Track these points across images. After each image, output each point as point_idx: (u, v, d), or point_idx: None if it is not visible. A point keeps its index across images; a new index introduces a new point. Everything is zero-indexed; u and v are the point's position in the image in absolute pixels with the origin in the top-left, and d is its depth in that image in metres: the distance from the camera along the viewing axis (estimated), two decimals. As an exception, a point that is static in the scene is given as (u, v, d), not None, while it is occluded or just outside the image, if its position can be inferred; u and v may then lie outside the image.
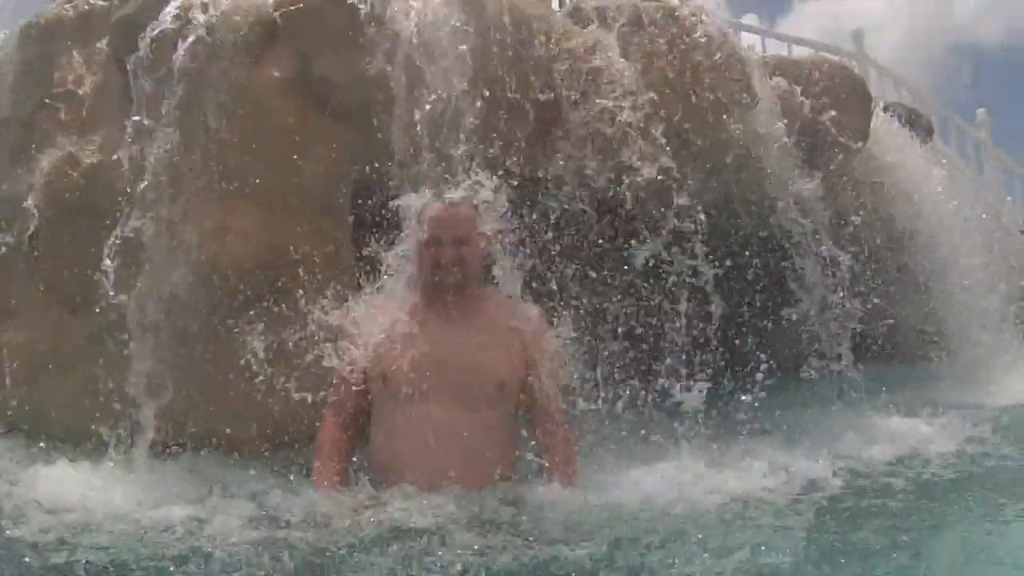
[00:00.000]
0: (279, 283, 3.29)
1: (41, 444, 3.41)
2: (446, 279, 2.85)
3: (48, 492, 2.94)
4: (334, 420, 2.92)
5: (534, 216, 3.72)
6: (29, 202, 3.71)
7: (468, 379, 2.77)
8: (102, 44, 3.85)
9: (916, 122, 6.01)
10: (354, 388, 2.89)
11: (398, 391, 2.77)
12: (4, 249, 3.80)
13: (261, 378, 3.16)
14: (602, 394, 3.05)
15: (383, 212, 3.20)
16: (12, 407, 3.72)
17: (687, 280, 3.60)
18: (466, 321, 2.86)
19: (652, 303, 3.75)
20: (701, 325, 3.70)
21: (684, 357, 3.68)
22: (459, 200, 2.97)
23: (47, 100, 3.87)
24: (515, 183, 3.66)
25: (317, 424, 2.99)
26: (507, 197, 3.24)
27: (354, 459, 2.96)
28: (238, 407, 3.23)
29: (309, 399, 3.04)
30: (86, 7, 4.03)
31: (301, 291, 3.26)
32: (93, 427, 3.23)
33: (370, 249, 3.13)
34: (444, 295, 2.86)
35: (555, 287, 3.37)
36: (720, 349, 3.74)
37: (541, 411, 2.85)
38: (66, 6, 4.10)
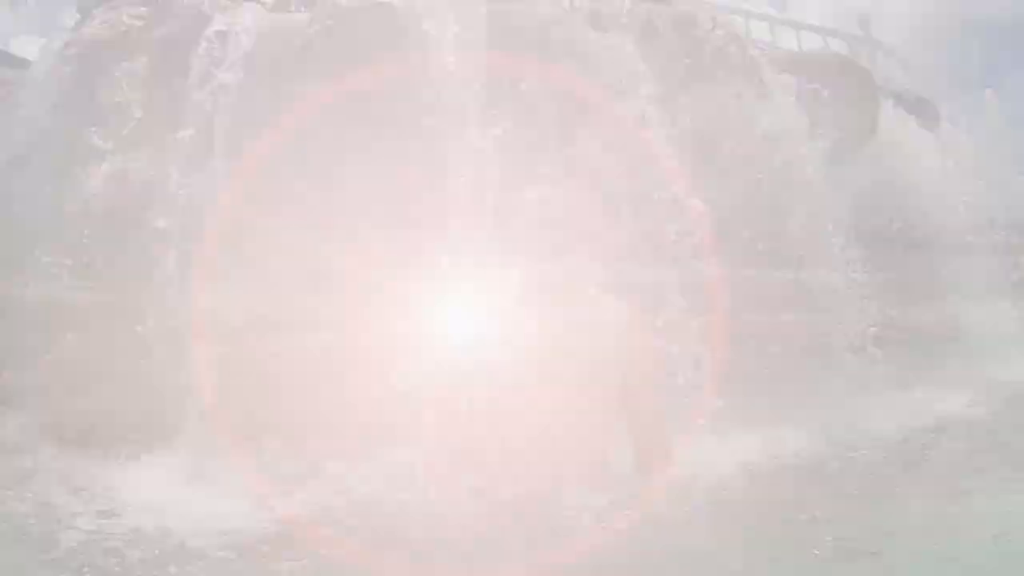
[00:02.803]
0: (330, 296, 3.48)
1: (100, 449, 3.57)
2: None
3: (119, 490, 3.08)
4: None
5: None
6: (79, 217, 3.87)
7: (574, 365, 2.68)
8: (143, 61, 4.02)
9: (922, 110, 6.14)
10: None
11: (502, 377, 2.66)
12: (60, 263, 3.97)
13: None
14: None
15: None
16: (70, 416, 3.88)
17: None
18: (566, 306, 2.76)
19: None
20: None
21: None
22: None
23: (91, 116, 4.04)
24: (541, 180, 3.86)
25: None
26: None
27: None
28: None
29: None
30: (123, 26, 4.19)
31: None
32: (146, 432, 3.42)
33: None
34: None
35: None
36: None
37: (636, 399, 2.78)
38: (103, 24, 4.26)
